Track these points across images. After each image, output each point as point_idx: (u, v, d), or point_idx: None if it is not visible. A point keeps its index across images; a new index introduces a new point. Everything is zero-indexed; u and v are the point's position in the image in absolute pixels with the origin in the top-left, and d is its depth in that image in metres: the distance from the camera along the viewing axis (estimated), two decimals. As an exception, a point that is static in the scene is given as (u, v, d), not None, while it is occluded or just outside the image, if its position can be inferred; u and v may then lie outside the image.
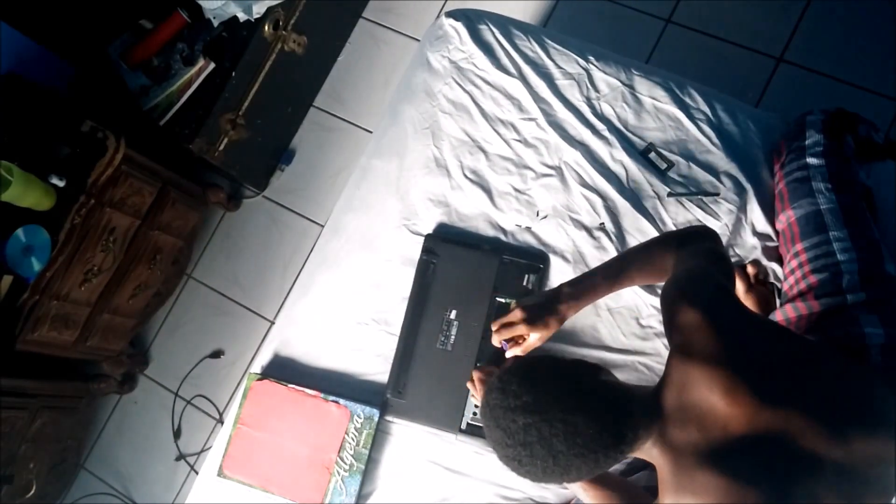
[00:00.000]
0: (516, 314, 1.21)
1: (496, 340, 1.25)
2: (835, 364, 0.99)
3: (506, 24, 1.55)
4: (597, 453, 0.89)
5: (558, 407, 0.89)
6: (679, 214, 1.38)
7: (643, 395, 0.97)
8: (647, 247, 1.21)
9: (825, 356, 1.01)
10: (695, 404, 0.91)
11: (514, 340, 1.25)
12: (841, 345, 1.06)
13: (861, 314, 1.08)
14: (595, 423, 0.89)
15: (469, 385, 1.28)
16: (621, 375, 1.31)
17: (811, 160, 1.23)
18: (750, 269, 1.33)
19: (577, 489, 1.17)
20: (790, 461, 0.89)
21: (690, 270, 1.05)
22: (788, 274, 1.22)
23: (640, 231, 1.38)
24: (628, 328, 1.35)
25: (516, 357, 1.22)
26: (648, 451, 0.95)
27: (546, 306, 1.20)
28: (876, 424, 0.94)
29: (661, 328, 1.34)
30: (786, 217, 1.25)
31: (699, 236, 1.17)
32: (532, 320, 1.20)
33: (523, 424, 0.89)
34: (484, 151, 1.49)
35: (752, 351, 0.94)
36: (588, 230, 1.40)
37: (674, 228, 1.38)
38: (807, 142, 1.25)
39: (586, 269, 1.38)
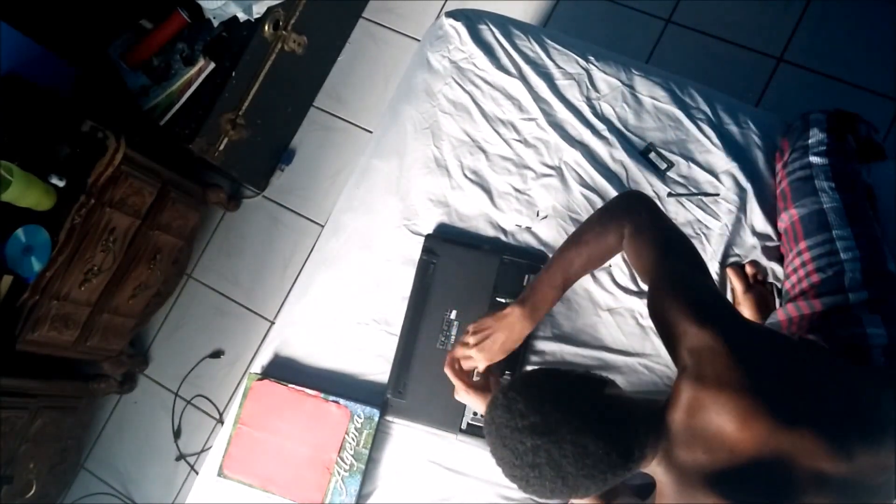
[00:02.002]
0: (470, 352, 1.18)
1: (447, 371, 1.20)
2: (841, 373, 0.99)
3: (506, 24, 1.55)
4: (605, 472, 0.88)
5: (567, 428, 0.86)
6: (679, 214, 1.38)
7: (650, 412, 0.95)
8: (580, 237, 1.17)
9: (830, 365, 1.00)
10: (704, 427, 0.90)
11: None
12: (844, 346, 1.06)
13: (863, 314, 1.07)
14: (604, 443, 0.87)
15: (447, 370, 1.21)
16: (622, 378, 1.31)
17: (814, 159, 1.23)
18: (749, 269, 1.32)
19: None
20: (795, 482, 0.88)
21: (681, 279, 1.01)
22: (791, 273, 1.21)
23: (640, 231, 1.38)
24: (628, 328, 1.34)
25: (523, 371, 1.19)
26: (653, 468, 0.94)
27: (501, 333, 1.17)
28: (881, 434, 0.93)
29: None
30: (788, 216, 1.25)
31: (630, 202, 1.14)
32: (490, 356, 1.17)
33: (532, 446, 0.86)
34: (484, 151, 1.48)
35: (764, 373, 0.92)
36: (588, 230, 1.40)
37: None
38: (810, 140, 1.25)
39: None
